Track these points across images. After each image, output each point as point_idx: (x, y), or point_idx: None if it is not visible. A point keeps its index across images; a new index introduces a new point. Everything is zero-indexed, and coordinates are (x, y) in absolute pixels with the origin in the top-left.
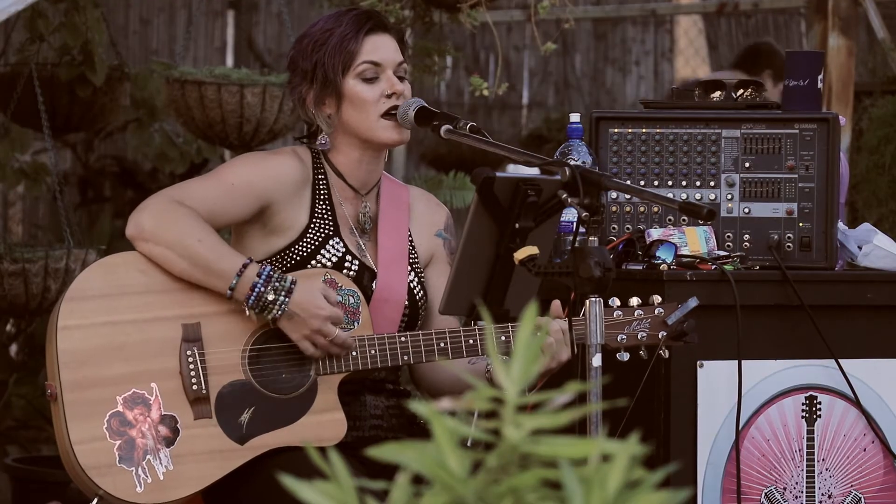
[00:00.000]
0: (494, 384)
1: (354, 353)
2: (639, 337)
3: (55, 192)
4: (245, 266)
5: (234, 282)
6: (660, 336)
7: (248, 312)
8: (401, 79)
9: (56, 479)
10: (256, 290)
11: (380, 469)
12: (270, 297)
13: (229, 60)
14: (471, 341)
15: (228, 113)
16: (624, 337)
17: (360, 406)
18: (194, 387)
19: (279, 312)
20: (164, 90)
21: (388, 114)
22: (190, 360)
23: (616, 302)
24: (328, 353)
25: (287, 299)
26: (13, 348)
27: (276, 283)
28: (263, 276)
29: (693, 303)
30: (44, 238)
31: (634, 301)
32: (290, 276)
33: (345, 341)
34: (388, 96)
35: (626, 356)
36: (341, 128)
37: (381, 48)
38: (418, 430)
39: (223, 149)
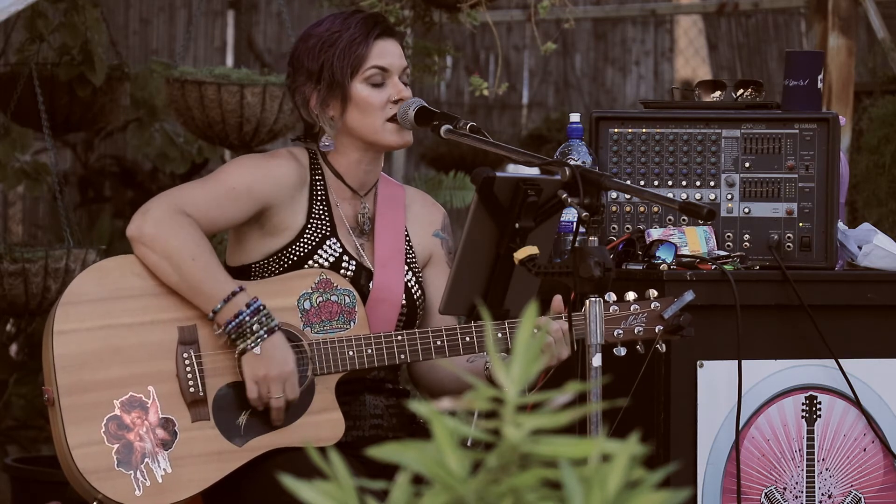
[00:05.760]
0: (493, 382)
1: (351, 353)
2: (635, 332)
3: (55, 192)
4: (234, 294)
5: (219, 306)
6: (656, 330)
7: (221, 336)
8: (405, 84)
9: (56, 479)
10: (241, 317)
11: (380, 469)
12: (254, 327)
13: (229, 60)
14: (467, 338)
15: (228, 113)
16: (620, 332)
17: (359, 406)
18: (191, 389)
19: (253, 345)
20: (164, 90)
21: (394, 119)
22: (187, 362)
23: (612, 297)
24: (263, 406)
25: (266, 336)
26: (13, 348)
27: (263, 318)
28: (253, 307)
29: (689, 296)
30: (44, 238)
31: (631, 296)
32: (277, 321)
33: (280, 410)
34: (395, 102)
35: (622, 351)
36: (344, 130)
37: (388, 54)
38: (418, 429)
39: (223, 149)
